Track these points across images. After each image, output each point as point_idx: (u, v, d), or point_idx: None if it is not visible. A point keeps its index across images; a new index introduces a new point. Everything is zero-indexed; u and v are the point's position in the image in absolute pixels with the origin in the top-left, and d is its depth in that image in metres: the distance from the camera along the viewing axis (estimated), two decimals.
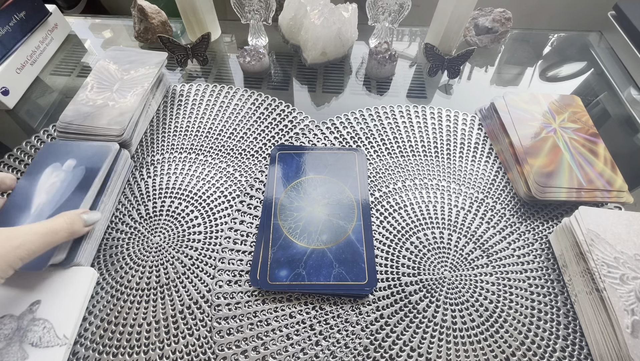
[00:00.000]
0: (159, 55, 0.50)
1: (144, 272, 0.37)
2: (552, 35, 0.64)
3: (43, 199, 0.36)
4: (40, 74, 0.55)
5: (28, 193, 0.37)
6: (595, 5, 0.80)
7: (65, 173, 0.38)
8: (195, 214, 0.41)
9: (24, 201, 0.36)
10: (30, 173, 0.38)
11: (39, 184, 0.37)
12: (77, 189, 0.37)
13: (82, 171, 0.38)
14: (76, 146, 0.40)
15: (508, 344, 0.33)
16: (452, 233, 0.40)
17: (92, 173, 0.38)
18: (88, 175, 0.38)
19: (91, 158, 0.39)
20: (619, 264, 0.32)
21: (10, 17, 0.50)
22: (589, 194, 0.39)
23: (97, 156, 0.39)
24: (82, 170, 0.38)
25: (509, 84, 0.57)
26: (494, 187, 0.43)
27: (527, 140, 0.43)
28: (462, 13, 0.52)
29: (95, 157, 0.39)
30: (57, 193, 0.37)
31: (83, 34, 0.62)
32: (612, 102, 0.54)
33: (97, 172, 0.38)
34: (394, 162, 0.45)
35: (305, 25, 0.52)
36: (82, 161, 0.39)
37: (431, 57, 0.53)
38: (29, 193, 0.37)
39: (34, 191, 0.37)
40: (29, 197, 0.37)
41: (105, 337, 0.33)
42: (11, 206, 0.36)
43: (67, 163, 0.39)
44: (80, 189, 0.37)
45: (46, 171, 0.38)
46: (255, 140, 0.47)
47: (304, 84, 0.55)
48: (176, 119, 0.49)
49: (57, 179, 0.38)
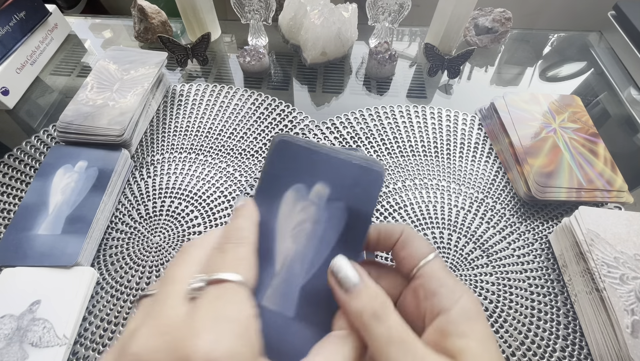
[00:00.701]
0: (159, 55, 0.50)
1: (144, 272, 0.37)
2: (552, 35, 0.64)
3: (59, 200, 0.38)
4: (40, 74, 0.55)
5: (43, 193, 0.39)
6: (595, 5, 0.80)
7: (79, 174, 0.40)
8: (195, 214, 0.41)
9: (40, 201, 0.38)
10: (42, 175, 0.40)
11: (52, 185, 0.39)
12: (92, 190, 0.39)
13: (96, 172, 0.40)
14: (85, 149, 0.42)
15: (508, 344, 0.33)
16: (452, 233, 0.40)
17: (105, 174, 0.40)
18: (101, 175, 0.40)
19: (104, 159, 0.41)
20: (619, 264, 0.32)
21: (10, 17, 0.50)
22: (589, 194, 0.39)
23: (108, 157, 0.41)
24: (95, 170, 0.40)
25: (509, 84, 0.57)
26: (494, 187, 0.43)
27: (527, 140, 0.43)
28: (462, 13, 0.52)
29: (108, 158, 0.41)
30: (73, 192, 0.39)
31: (83, 34, 0.62)
32: (612, 102, 0.54)
33: (111, 174, 0.40)
34: (394, 162, 0.45)
35: (305, 25, 0.52)
36: (94, 162, 0.41)
37: (431, 57, 0.53)
38: (44, 194, 0.39)
39: (49, 192, 0.39)
40: (44, 197, 0.38)
41: (105, 337, 0.33)
42: (26, 206, 0.38)
43: (78, 164, 0.41)
44: (97, 190, 0.39)
45: (58, 172, 0.40)
46: (255, 140, 0.47)
47: (304, 84, 0.55)
48: (176, 119, 0.49)
49: (70, 180, 0.40)
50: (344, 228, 0.21)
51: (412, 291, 0.20)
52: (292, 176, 0.22)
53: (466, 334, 0.17)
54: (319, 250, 0.21)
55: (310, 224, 0.21)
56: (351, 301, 0.18)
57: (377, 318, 0.17)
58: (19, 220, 0.37)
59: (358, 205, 0.22)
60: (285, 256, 0.21)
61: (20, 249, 0.35)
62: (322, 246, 0.21)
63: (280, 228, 0.21)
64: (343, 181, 0.22)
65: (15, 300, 0.33)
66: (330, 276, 0.19)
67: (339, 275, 0.19)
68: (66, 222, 0.37)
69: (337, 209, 0.21)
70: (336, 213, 0.21)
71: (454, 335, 0.17)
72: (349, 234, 0.21)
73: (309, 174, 0.22)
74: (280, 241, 0.21)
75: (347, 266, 0.19)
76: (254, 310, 0.16)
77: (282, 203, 0.21)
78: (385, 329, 0.17)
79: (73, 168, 0.40)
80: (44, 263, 0.34)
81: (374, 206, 0.22)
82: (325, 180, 0.22)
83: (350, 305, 0.18)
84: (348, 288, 0.19)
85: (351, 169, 0.22)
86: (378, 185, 0.22)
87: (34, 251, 0.35)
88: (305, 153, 0.22)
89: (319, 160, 0.22)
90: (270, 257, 0.20)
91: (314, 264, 0.21)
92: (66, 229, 0.36)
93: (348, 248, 0.21)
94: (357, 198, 0.22)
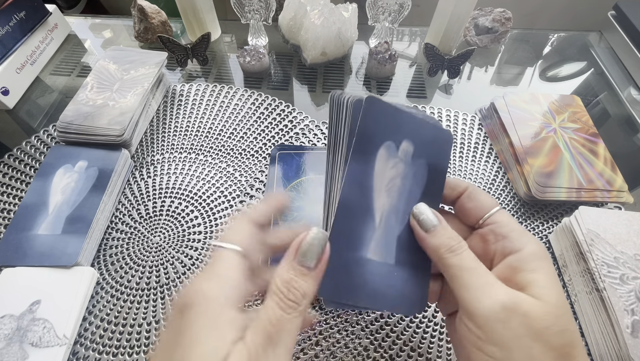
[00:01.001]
0: (158, 55, 0.50)
1: (144, 272, 0.37)
2: (552, 35, 0.64)
3: (59, 200, 0.38)
4: (40, 74, 0.55)
5: (43, 193, 0.39)
6: (595, 5, 0.80)
7: (79, 174, 0.40)
8: (195, 214, 0.41)
9: (40, 201, 0.38)
10: (42, 175, 0.40)
11: (52, 185, 0.39)
12: (92, 190, 0.39)
13: (96, 172, 0.40)
14: (85, 149, 0.42)
15: None
16: None
17: (105, 174, 0.40)
18: (102, 175, 0.40)
19: (104, 159, 0.41)
20: (619, 264, 0.32)
21: (10, 17, 0.50)
22: (589, 194, 0.39)
23: (108, 157, 0.41)
24: (95, 170, 0.40)
25: (509, 84, 0.57)
26: (494, 187, 0.43)
27: (527, 140, 0.43)
28: (462, 13, 0.52)
29: (108, 158, 0.41)
30: (73, 192, 0.39)
31: (83, 34, 0.62)
32: (612, 102, 0.54)
33: (111, 174, 0.40)
34: None
35: (305, 25, 0.52)
36: (94, 161, 0.41)
37: (431, 57, 0.53)
38: (45, 194, 0.39)
39: (49, 192, 0.39)
40: (44, 197, 0.38)
41: (105, 337, 0.33)
42: (25, 206, 0.38)
43: (78, 164, 0.41)
44: (97, 190, 0.39)
45: (58, 172, 0.40)
46: (255, 140, 0.47)
47: (304, 84, 0.55)
48: (176, 119, 0.49)
49: (70, 180, 0.40)
50: (426, 182, 0.25)
51: (480, 236, 0.24)
52: (382, 134, 0.23)
53: (536, 270, 0.20)
54: (409, 203, 0.24)
55: (400, 180, 0.24)
56: (431, 239, 0.22)
57: (452, 251, 0.21)
58: (18, 220, 0.37)
59: (436, 161, 0.25)
60: (382, 210, 0.23)
61: (20, 249, 0.35)
62: (410, 199, 0.24)
63: (376, 185, 0.23)
64: (424, 139, 0.25)
65: (15, 300, 0.32)
66: (412, 218, 0.23)
67: (420, 217, 0.23)
68: (66, 222, 0.37)
69: (420, 166, 0.25)
70: (420, 169, 0.25)
71: (524, 270, 0.20)
72: (430, 188, 0.25)
73: (396, 132, 0.24)
74: (377, 197, 0.23)
75: (428, 211, 0.23)
76: (239, 269, 0.20)
77: (377, 161, 0.23)
78: (459, 260, 0.21)
79: (73, 168, 0.40)
80: (44, 263, 0.34)
81: (448, 161, 0.26)
82: (410, 138, 0.24)
83: (429, 241, 0.22)
84: (428, 228, 0.22)
85: (429, 128, 0.25)
86: (450, 143, 0.26)
87: (34, 251, 0.35)
88: (391, 111, 0.24)
89: (403, 119, 0.24)
90: (370, 212, 0.23)
91: (406, 215, 0.24)
92: (66, 229, 0.36)
93: (430, 200, 0.24)
94: (435, 155, 0.25)
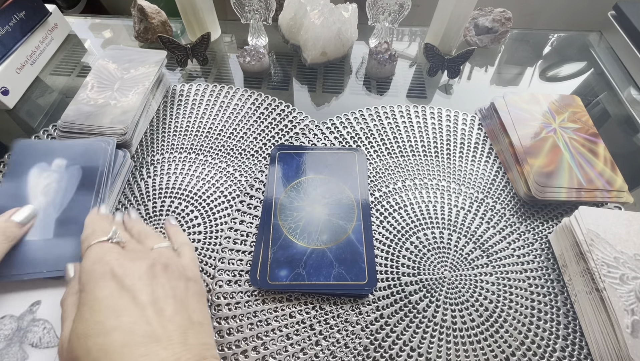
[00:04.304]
0: (158, 53, 0.50)
1: None
2: (552, 35, 0.64)
3: (42, 202, 0.35)
4: (40, 74, 0.55)
5: (19, 196, 0.35)
6: (595, 5, 0.80)
7: (59, 173, 0.37)
8: (195, 214, 0.41)
9: (17, 204, 0.34)
10: (12, 175, 0.36)
11: (29, 187, 0.36)
12: (80, 189, 0.36)
13: (79, 171, 0.37)
14: (59, 145, 0.39)
15: (508, 344, 0.33)
16: (452, 233, 0.40)
17: (91, 172, 0.37)
18: (87, 174, 0.37)
19: (83, 156, 0.38)
20: (618, 264, 0.32)
21: (10, 17, 0.50)
22: (589, 194, 0.39)
23: (90, 154, 0.38)
24: (77, 169, 0.37)
25: (509, 84, 0.57)
26: (494, 187, 0.43)
27: (527, 140, 0.43)
28: (462, 13, 0.52)
29: (88, 154, 0.38)
30: (57, 194, 0.36)
31: (83, 34, 0.62)
32: (612, 102, 0.54)
33: (97, 171, 0.37)
34: (394, 162, 0.45)
35: (305, 25, 0.52)
36: (74, 160, 0.38)
37: (431, 57, 0.53)
38: (21, 196, 0.35)
39: (26, 194, 0.35)
40: (21, 200, 0.35)
41: None
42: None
43: (55, 163, 0.37)
44: (85, 189, 0.36)
45: (32, 172, 0.37)
46: (255, 140, 0.47)
47: (304, 84, 0.55)
48: (176, 119, 0.49)
49: (50, 180, 0.36)
50: (81, 178, 0.37)
51: None
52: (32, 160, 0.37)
53: None
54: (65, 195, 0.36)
55: (55, 183, 0.36)
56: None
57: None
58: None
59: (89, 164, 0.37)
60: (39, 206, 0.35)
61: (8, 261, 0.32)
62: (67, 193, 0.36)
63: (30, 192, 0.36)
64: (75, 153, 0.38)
65: (15, 301, 0.32)
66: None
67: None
68: (57, 225, 0.34)
69: (75, 170, 0.37)
70: (75, 172, 0.37)
71: None
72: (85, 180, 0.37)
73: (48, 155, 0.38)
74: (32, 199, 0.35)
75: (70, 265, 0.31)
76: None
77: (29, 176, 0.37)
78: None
79: (50, 167, 0.37)
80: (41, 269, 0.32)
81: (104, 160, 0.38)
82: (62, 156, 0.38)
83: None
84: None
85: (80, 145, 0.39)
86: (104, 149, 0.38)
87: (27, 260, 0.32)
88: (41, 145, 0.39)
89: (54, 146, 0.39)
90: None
91: (64, 203, 0.35)
92: (58, 232, 0.34)
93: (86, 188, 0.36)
94: (88, 160, 0.38)
